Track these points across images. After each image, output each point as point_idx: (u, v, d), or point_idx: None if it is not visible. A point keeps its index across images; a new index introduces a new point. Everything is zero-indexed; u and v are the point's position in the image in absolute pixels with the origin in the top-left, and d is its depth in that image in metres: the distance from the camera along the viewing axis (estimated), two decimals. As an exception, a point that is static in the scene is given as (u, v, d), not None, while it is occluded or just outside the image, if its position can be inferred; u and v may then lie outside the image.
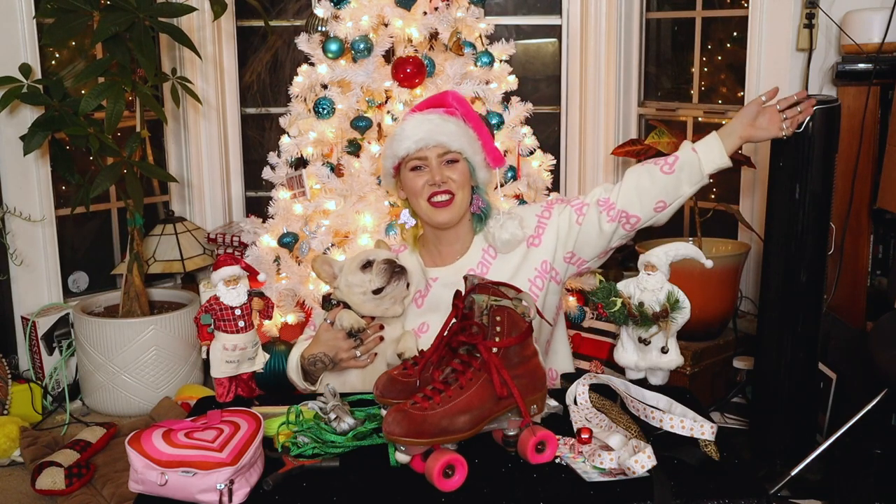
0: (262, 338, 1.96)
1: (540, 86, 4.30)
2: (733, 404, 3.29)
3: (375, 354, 2.03)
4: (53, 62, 3.77)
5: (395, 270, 2.02)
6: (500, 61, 3.34)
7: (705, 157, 2.07)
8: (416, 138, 2.06)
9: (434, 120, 2.08)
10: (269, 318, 1.91)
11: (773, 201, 2.76)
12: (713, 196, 3.92)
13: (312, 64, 3.27)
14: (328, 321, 2.03)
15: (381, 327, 2.04)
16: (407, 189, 2.13)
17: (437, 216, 2.09)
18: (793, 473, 2.56)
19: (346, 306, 2.04)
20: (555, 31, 4.22)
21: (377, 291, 2.01)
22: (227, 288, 1.80)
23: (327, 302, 2.08)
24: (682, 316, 1.81)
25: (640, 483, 1.47)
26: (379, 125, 3.18)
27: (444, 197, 2.07)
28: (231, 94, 4.28)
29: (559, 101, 4.24)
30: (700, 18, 3.95)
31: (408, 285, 2.06)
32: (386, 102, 3.18)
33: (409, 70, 3.05)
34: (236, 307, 1.80)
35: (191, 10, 3.42)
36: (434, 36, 3.19)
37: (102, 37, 3.07)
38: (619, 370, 1.91)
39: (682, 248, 1.88)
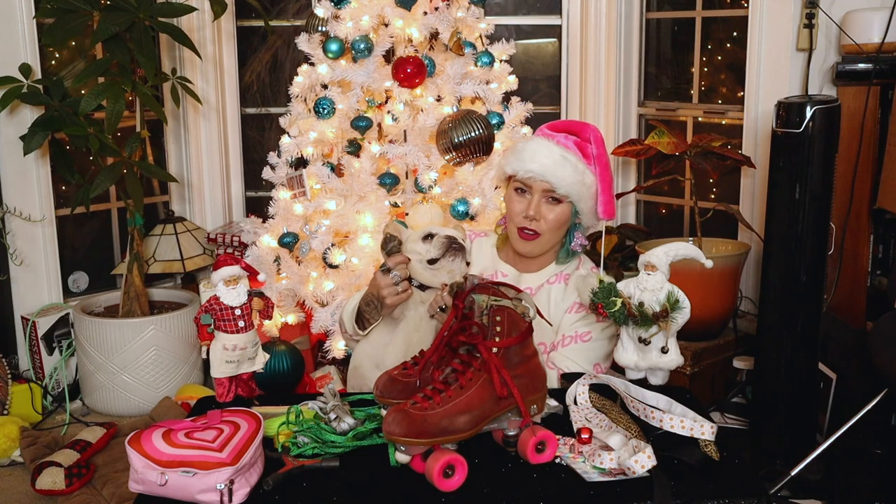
0: (262, 338, 1.96)
1: (540, 86, 4.30)
2: (733, 404, 3.28)
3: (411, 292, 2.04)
4: (53, 62, 3.77)
5: (453, 246, 2.06)
6: (501, 61, 3.34)
7: None
8: (527, 167, 2.08)
9: (555, 156, 2.07)
10: (269, 318, 1.91)
11: (773, 201, 2.76)
12: (713, 196, 3.92)
13: (312, 64, 3.27)
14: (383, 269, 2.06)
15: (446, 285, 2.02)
16: (506, 204, 2.18)
17: (520, 246, 2.15)
18: (793, 473, 2.56)
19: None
20: (555, 31, 4.22)
21: (432, 262, 2.06)
22: (227, 288, 1.80)
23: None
24: (682, 316, 1.81)
25: (640, 483, 1.47)
26: (379, 125, 3.18)
27: (532, 231, 2.11)
28: (231, 94, 4.28)
29: (559, 101, 4.24)
30: (700, 18, 3.95)
31: (468, 264, 2.09)
32: (386, 102, 3.18)
33: (410, 70, 3.05)
34: (236, 307, 1.80)
35: (191, 10, 3.41)
36: (434, 36, 3.19)
37: (102, 37, 3.07)
38: (619, 370, 1.91)
39: (682, 248, 1.88)
